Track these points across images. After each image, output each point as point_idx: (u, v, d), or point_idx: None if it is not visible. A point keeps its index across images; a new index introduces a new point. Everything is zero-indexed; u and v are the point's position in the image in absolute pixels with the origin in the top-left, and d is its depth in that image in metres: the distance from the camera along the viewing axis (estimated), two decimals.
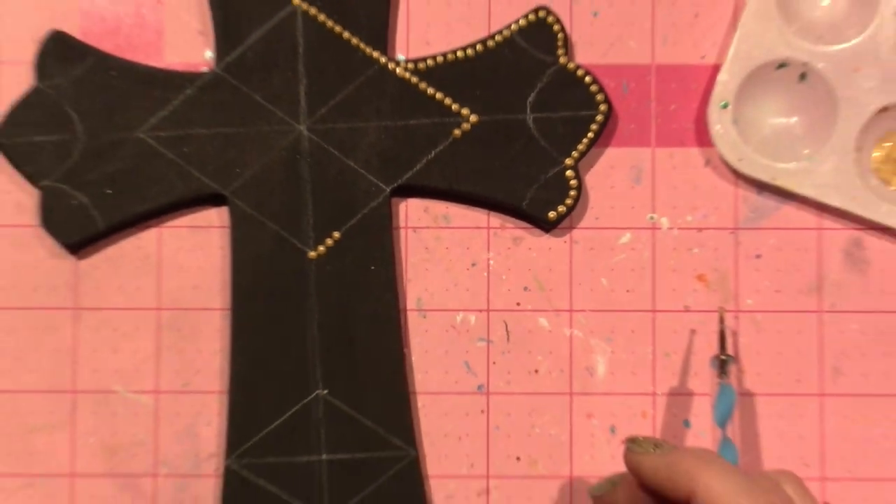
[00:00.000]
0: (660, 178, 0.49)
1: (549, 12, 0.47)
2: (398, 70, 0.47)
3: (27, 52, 0.48)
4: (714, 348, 0.46)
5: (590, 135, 0.47)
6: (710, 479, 0.36)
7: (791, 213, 0.48)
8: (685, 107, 0.49)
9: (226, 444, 0.46)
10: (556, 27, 0.47)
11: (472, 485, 0.48)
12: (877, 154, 0.48)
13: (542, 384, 0.48)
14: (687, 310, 0.48)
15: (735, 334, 0.48)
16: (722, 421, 0.43)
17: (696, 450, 0.38)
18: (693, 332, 0.48)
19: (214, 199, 0.48)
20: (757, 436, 0.48)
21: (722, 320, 0.46)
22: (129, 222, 0.48)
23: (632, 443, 0.40)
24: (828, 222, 0.48)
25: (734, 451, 0.43)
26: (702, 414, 0.47)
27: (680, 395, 0.48)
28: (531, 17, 0.48)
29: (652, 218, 0.48)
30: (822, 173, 0.47)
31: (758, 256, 0.48)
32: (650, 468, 0.39)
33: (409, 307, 0.48)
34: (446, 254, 0.49)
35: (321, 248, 0.47)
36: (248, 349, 0.47)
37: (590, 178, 0.48)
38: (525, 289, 0.48)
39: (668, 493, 0.38)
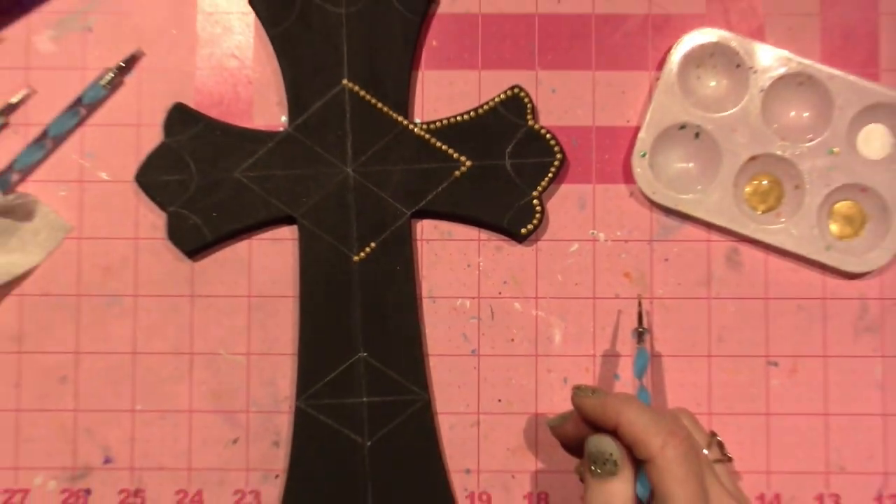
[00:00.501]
0: (598, 205, 0.54)
1: (521, 89, 0.53)
2: (416, 130, 0.53)
3: (158, 118, 0.54)
4: (635, 323, 0.52)
5: (549, 175, 0.53)
6: (630, 414, 0.42)
7: (689, 230, 0.54)
8: (616, 156, 0.54)
9: (296, 390, 0.52)
10: (526, 100, 0.53)
11: (467, 419, 0.53)
12: (748, 189, 0.54)
13: (516, 349, 0.54)
14: (617, 297, 0.53)
15: (649, 314, 0.53)
16: (639, 374, 0.48)
17: (621, 394, 0.44)
18: (620, 312, 0.54)
19: (287, 220, 0.53)
20: (664, 384, 0.53)
21: (640, 304, 0.52)
22: (228, 236, 0.54)
23: (577, 389, 0.45)
24: (714, 236, 0.54)
25: (647, 396, 0.47)
26: (626, 369, 0.53)
27: (611, 356, 0.54)
28: (508, 92, 0.53)
29: (593, 233, 0.54)
30: (711, 202, 0.53)
31: (666, 260, 0.54)
32: (589, 406, 0.44)
33: (423, 295, 0.54)
34: (449, 258, 0.54)
35: (362, 254, 0.53)
36: (311, 325, 0.53)
37: (550, 205, 0.54)
38: (504, 282, 0.54)
39: (602, 424, 0.43)
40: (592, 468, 0.42)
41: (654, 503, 0.41)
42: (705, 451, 0.45)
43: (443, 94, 0.55)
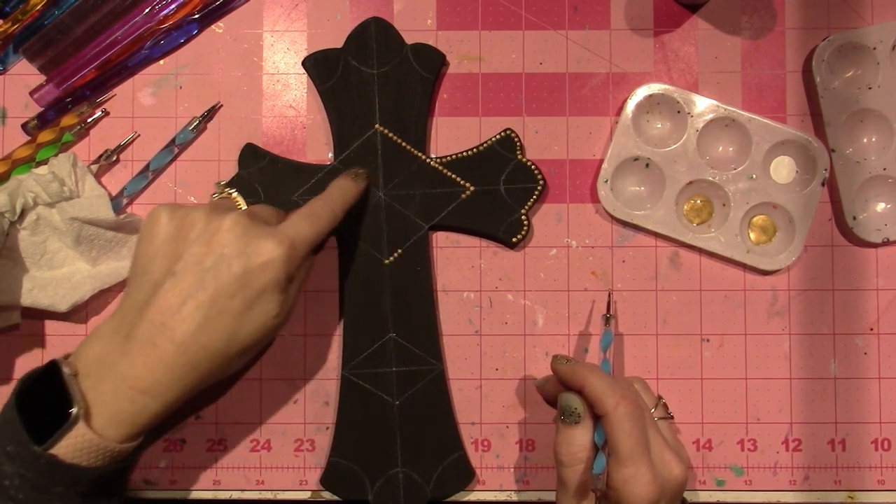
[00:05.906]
0: (571, 220, 0.57)
1: (512, 131, 0.56)
2: (432, 163, 0.56)
3: (233, 154, 0.57)
4: (599, 312, 0.56)
5: (534, 197, 0.55)
6: (592, 379, 0.46)
7: (641, 238, 0.56)
8: (585, 181, 0.57)
9: (341, 362, 0.55)
10: (516, 139, 0.56)
11: (472, 384, 0.56)
12: (686, 207, 0.57)
13: (509, 330, 0.56)
14: (585, 290, 0.56)
15: (615, 303, 0.56)
16: (604, 349, 0.51)
17: (588, 363, 0.48)
18: (594, 301, 0.57)
19: (333, 232, 0.53)
20: (622, 357, 0.56)
21: (610, 296, 0.55)
22: None
23: (555, 357, 0.49)
24: (660, 243, 0.56)
25: (609, 366, 0.50)
26: (593, 345, 0.56)
27: (581, 335, 0.56)
28: (502, 134, 0.56)
29: (567, 241, 0.57)
30: (658, 217, 0.55)
31: (623, 261, 0.57)
32: (562, 371, 0.48)
33: (438, 289, 0.56)
34: (457, 261, 0.57)
35: (391, 258, 0.55)
36: (352, 312, 0.55)
37: (534, 220, 0.56)
38: (500, 279, 0.56)
39: (571, 385, 0.47)
40: (562, 417, 0.46)
41: (608, 449, 0.44)
42: (653, 410, 0.48)
43: (452, 135, 0.57)
